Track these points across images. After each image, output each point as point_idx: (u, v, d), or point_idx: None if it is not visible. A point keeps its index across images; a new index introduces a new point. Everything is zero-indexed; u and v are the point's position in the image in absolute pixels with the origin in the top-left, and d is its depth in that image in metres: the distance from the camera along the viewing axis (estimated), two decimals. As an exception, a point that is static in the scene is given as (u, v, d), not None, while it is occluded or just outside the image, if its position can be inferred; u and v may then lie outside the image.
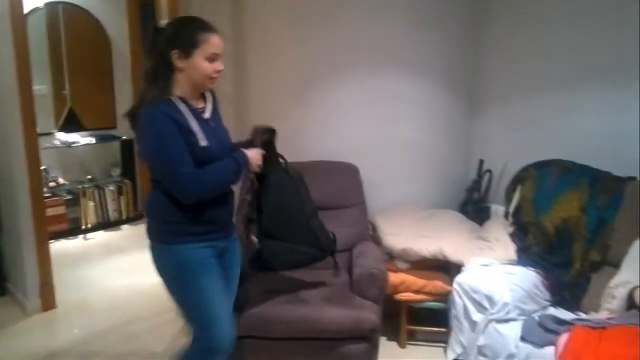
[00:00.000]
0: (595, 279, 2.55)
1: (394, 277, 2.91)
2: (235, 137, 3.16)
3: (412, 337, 3.04)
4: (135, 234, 4.91)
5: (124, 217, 5.15)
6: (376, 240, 3.04)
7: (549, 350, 2.15)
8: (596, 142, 2.86)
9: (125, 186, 5.19)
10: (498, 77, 3.34)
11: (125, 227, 5.11)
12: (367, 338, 2.43)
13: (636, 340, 2.00)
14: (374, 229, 3.11)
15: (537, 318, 2.37)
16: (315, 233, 2.37)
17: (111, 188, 5.07)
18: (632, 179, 2.64)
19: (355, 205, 3.02)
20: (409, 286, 2.89)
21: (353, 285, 2.55)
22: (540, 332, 2.25)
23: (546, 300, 2.55)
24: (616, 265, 2.43)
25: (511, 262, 2.68)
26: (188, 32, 1.83)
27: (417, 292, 2.89)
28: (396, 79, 3.27)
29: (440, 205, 3.34)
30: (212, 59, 1.85)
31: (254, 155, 2.04)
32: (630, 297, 2.23)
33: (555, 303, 2.55)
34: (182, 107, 1.84)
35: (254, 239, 2.29)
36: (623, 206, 2.56)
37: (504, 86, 3.31)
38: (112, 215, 5.08)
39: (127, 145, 5.22)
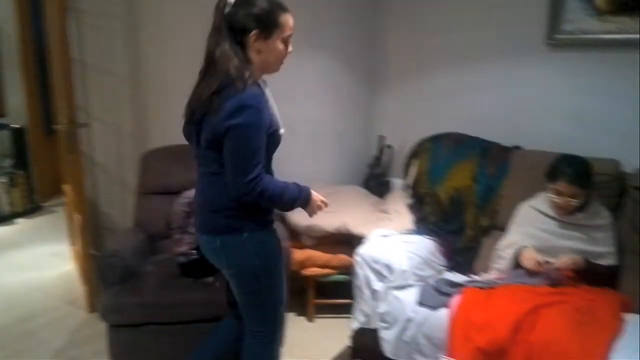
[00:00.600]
0: (485, 243, 2.72)
1: (300, 254, 2.95)
2: (138, 122, 3.10)
3: (321, 310, 3.11)
4: (31, 227, 4.62)
5: (18, 210, 4.83)
6: (282, 218, 3.06)
7: (444, 312, 2.27)
8: (486, 115, 3.05)
9: (19, 178, 4.85)
10: (396, 55, 3.44)
11: (20, 220, 4.78)
12: (273, 314, 2.45)
13: (520, 296, 2.17)
14: (280, 207, 3.12)
15: (432, 283, 2.50)
16: None
17: (2, 180, 4.73)
18: (517, 148, 2.84)
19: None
20: (315, 261, 2.95)
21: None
22: (435, 295, 2.36)
23: (442, 266, 2.69)
24: (504, 229, 2.60)
25: (409, 232, 2.80)
26: (269, 13, 1.72)
27: (323, 266, 2.95)
28: (296, 56, 3.26)
29: (344, 181, 3.41)
30: (286, 41, 1.78)
31: (318, 200, 1.94)
32: (516, 256, 2.40)
33: (451, 268, 2.70)
34: (267, 92, 1.77)
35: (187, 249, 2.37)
36: (509, 174, 2.74)
37: (402, 63, 3.42)
38: (5, 208, 4.74)
39: (18, 135, 4.88)
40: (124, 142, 3.15)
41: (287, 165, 3.23)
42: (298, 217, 2.95)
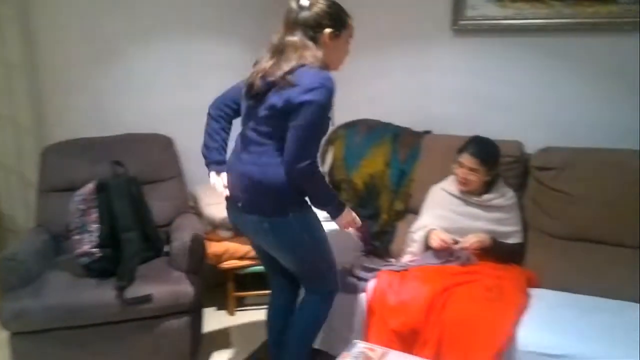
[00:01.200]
0: (400, 227, 2.76)
1: (218, 247, 2.89)
2: (36, 114, 2.89)
3: (241, 303, 3.07)
4: None
5: None
6: (198, 211, 2.98)
7: (361, 296, 2.30)
8: (398, 101, 3.09)
9: None
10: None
11: None
12: (188, 311, 2.38)
13: (432, 278, 2.22)
14: (195, 200, 3.03)
15: (349, 268, 2.51)
16: (150, 239, 2.53)
17: None
18: (428, 132, 2.90)
19: (172, 178, 2.90)
20: (233, 254, 2.89)
21: (171, 260, 2.46)
22: (352, 281, 2.38)
23: (359, 251, 2.71)
24: (417, 212, 2.65)
25: (326, 219, 2.78)
26: (341, 14, 1.93)
27: (241, 258, 2.90)
28: (210, 44, 3.18)
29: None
30: (349, 43, 1.99)
31: (351, 216, 2.09)
32: (426, 238, 2.45)
33: (368, 252, 2.72)
34: None
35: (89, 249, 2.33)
36: (420, 158, 2.79)
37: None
38: None
39: None
40: (23, 136, 2.93)
41: (200, 156, 3.14)
42: (214, 210, 2.89)
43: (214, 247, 2.86)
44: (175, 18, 3.06)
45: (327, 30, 1.88)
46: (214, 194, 2.96)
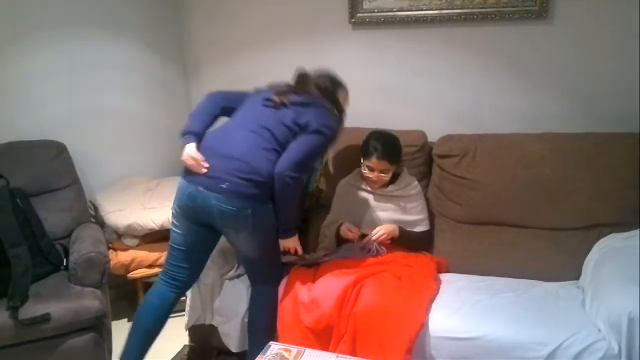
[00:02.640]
0: (314, 222, 2.74)
1: (124, 256, 2.76)
2: None
3: (154, 312, 2.93)
4: None
5: None
6: (99, 220, 2.82)
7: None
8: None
9: None
10: (208, 40, 3.32)
11: None
12: (94, 327, 2.25)
13: (344, 271, 2.21)
14: (96, 209, 2.87)
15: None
16: (43, 252, 2.41)
17: None
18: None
19: (68, 187, 2.71)
20: (141, 262, 2.78)
21: (70, 274, 2.31)
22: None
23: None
24: (328, 207, 2.65)
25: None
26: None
27: (150, 266, 2.81)
28: (103, 43, 3.00)
29: (168, 173, 3.23)
30: None
31: (293, 245, 2.25)
32: (337, 233, 2.45)
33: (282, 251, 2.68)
34: None
35: None
36: (328, 152, 2.77)
37: (215, 49, 3.31)
38: None
39: None
40: None
41: (98, 162, 3.00)
42: (117, 217, 2.74)
43: (120, 257, 2.73)
44: (64, 15, 2.85)
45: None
46: (116, 200, 2.84)
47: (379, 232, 2.36)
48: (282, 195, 2.06)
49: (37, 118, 2.80)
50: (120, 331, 2.63)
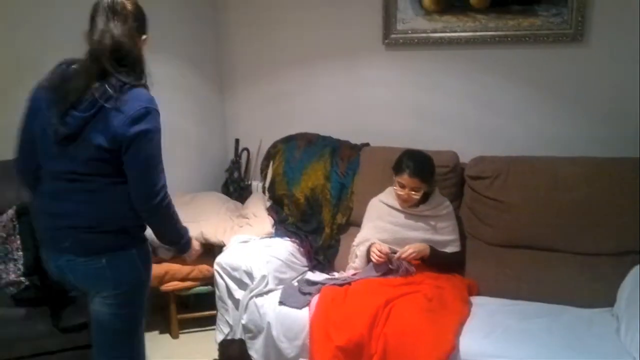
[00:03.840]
0: (344, 240, 2.78)
1: (158, 268, 2.80)
2: None
3: (185, 325, 2.99)
4: None
5: None
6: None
7: (305, 311, 2.28)
8: (335, 113, 3.13)
9: None
10: (245, 59, 3.39)
11: None
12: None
13: (374, 291, 2.23)
14: (132, 221, 2.94)
15: (295, 284, 2.50)
16: None
17: None
18: (366, 145, 2.93)
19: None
20: (174, 275, 2.82)
21: (107, 285, 2.37)
22: (297, 295, 2.37)
23: (303, 267, 2.70)
24: (359, 225, 2.67)
25: (269, 236, 2.78)
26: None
27: (183, 279, 2.84)
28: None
29: (202, 187, 3.30)
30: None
31: (196, 251, 2.07)
32: (368, 252, 2.46)
33: (312, 267, 2.72)
34: None
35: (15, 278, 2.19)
36: (359, 170, 2.82)
37: (251, 67, 3.38)
38: None
39: None
40: None
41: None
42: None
43: (154, 269, 2.76)
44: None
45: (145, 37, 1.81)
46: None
47: (408, 251, 2.36)
48: (161, 222, 1.80)
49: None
50: (152, 342, 2.69)
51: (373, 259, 2.40)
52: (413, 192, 2.41)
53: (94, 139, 1.60)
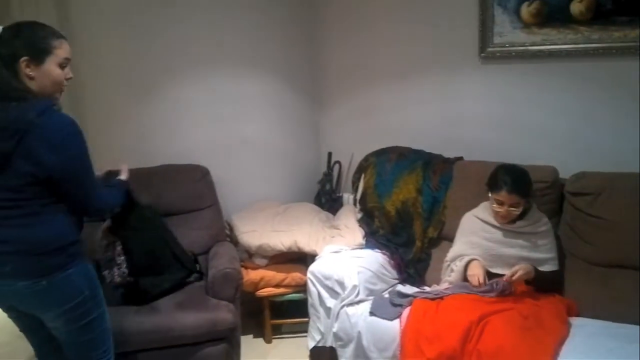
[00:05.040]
0: (435, 254, 2.77)
1: (254, 274, 2.94)
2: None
3: (278, 331, 3.10)
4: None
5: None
6: (234, 240, 3.05)
7: (395, 323, 2.30)
8: (428, 127, 3.13)
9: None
10: (340, 74, 3.49)
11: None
12: (226, 338, 2.43)
13: (468, 306, 2.21)
14: (231, 228, 3.10)
15: (385, 295, 2.53)
16: (179, 259, 2.59)
17: None
18: (459, 159, 2.91)
19: (209, 207, 2.99)
20: (268, 281, 2.94)
21: (207, 287, 2.52)
22: (388, 307, 2.40)
23: (394, 279, 2.71)
24: (451, 239, 2.65)
25: (360, 247, 2.82)
26: (39, 38, 1.73)
27: (277, 286, 2.95)
28: (243, 78, 3.29)
29: (296, 199, 3.42)
30: (63, 65, 1.78)
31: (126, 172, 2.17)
32: (465, 269, 2.44)
33: (402, 280, 2.73)
34: None
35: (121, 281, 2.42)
36: (452, 184, 2.80)
37: (346, 81, 3.46)
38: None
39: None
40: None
41: (235, 186, 3.25)
42: (249, 238, 2.95)
43: (250, 275, 2.92)
44: (211, 54, 3.18)
45: (24, 59, 1.70)
46: (249, 221, 3.06)
47: (518, 273, 2.26)
48: (114, 207, 2.17)
49: (185, 144, 3.14)
50: (247, 345, 2.82)
51: (470, 282, 2.36)
52: (512, 209, 2.36)
53: (22, 168, 1.66)
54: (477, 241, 2.48)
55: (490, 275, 2.38)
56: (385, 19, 3.20)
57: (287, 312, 3.07)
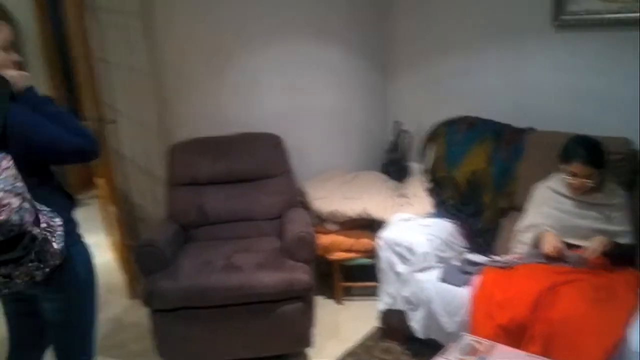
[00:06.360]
0: (504, 224, 2.80)
1: (325, 239, 3.07)
2: (161, 116, 3.20)
3: (348, 293, 3.24)
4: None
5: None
6: (306, 205, 3.18)
7: (466, 290, 2.37)
8: (498, 97, 3.11)
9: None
10: (407, 40, 3.50)
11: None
12: (302, 297, 2.57)
13: (539, 275, 2.25)
14: (304, 195, 3.23)
15: (455, 263, 2.60)
16: None
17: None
18: (531, 129, 2.89)
19: (282, 174, 3.11)
20: (339, 246, 3.06)
21: (284, 249, 2.67)
22: (458, 274, 2.47)
23: (462, 247, 2.78)
24: (521, 210, 2.67)
25: (429, 215, 2.89)
26: None
27: (347, 250, 3.07)
28: (312, 47, 3.36)
29: (363, 167, 3.51)
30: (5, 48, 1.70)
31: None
32: (535, 240, 2.47)
33: (471, 249, 2.77)
34: None
35: None
36: (523, 155, 2.80)
37: (414, 48, 3.48)
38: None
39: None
40: (150, 136, 3.26)
41: (306, 154, 3.37)
42: (321, 204, 3.07)
43: (321, 239, 3.05)
44: (282, 25, 3.27)
45: None
46: (320, 188, 3.18)
47: (597, 250, 2.27)
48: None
49: (259, 113, 3.27)
50: (319, 305, 2.97)
51: (546, 250, 2.37)
52: (586, 180, 2.35)
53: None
54: (548, 211, 2.49)
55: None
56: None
57: (356, 276, 3.19)
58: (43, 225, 1.61)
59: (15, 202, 1.49)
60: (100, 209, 3.97)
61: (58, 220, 1.69)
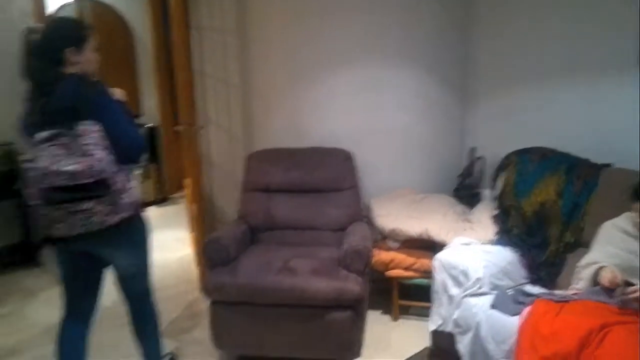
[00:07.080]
0: (570, 259, 2.70)
1: (385, 255, 3.14)
2: (246, 126, 3.46)
3: (405, 311, 3.27)
4: (160, 215, 5.26)
5: (149, 199, 5.49)
6: (370, 221, 3.26)
7: (515, 319, 2.33)
8: (575, 130, 3.02)
9: (151, 170, 5.52)
10: (487, 69, 3.51)
11: (151, 208, 5.45)
12: (352, 307, 2.65)
13: (591, 312, 2.17)
14: (368, 210, 3.32)
15: (509, 292, 2.56)
16: None
17: (137, 172, 5.40)
18: (607, 165, 2.78)
19: (350, 189, 3.24)
20: (398, 263, 3.11)
21: (340, 260, 2.77)
22: (510, 303, 2.43)
23: (523, 278, 2.72)
24: (588, 247, 2.58)
25: (490, 242, 2.87)
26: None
27: (406, 269, 3.11)
28: (391, 70, 3.49)
29: (434, 190, 3.53)
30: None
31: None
32: (594, 276, 2.38)
33: (532, 281, 2.72)
34: None
35: None
36: (597, 191, 2.70)
37: (493, 77, 3.48)
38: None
39: (152, 132, 5.56)
40: (234, 143, 3.54)
41: (376, 171, 3.47)
42: (385, 221, 3.14)
43: (382, 255, 3.12)
44: (364, 47, 3.43)
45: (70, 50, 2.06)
46: (386, 206, 3.26)
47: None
48: None
49: (332, 128, 3.45)
50: (374, 319, 3.04)
51: (603, 281, 2.28)
52: None
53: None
54: (614, 251, 2.39)
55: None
56: (537, 17, 3.14)
57: (414, 295, 3.21)
58: (121, 178, 2.05)
59: (100, 154, 1.94)
60: (186, 207, 4.32)
61: (132, 182, 2.16)
